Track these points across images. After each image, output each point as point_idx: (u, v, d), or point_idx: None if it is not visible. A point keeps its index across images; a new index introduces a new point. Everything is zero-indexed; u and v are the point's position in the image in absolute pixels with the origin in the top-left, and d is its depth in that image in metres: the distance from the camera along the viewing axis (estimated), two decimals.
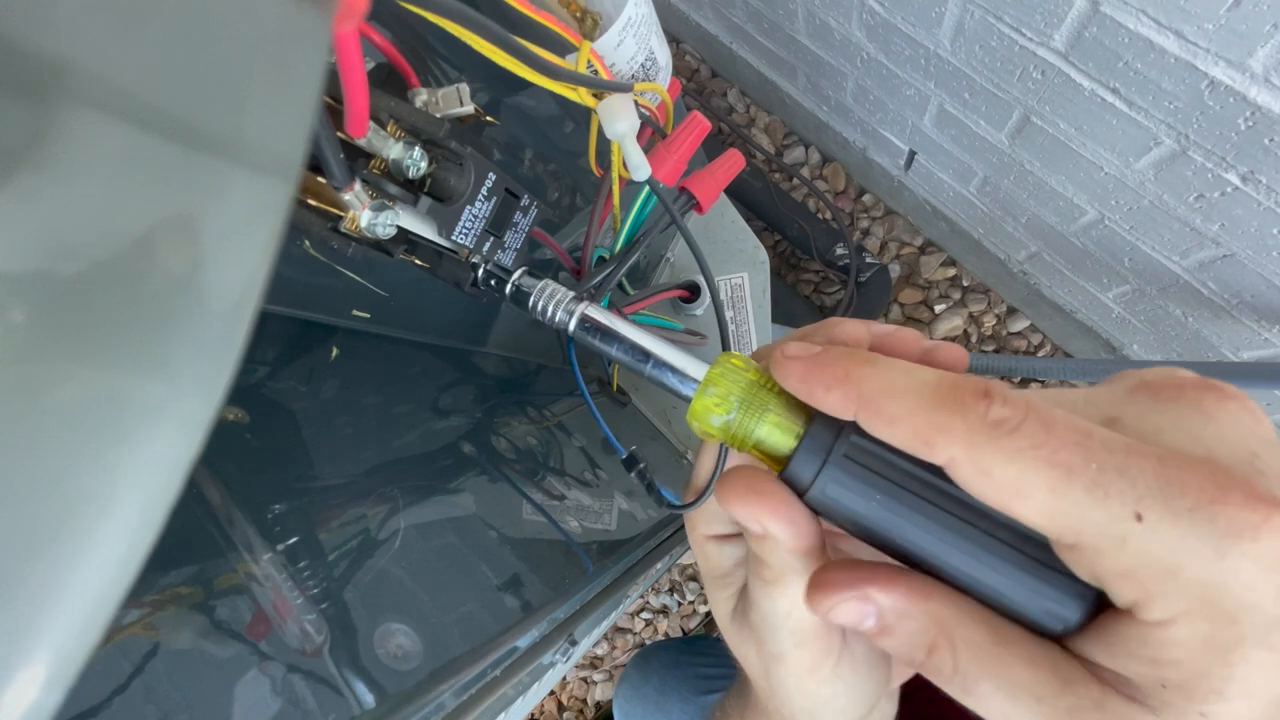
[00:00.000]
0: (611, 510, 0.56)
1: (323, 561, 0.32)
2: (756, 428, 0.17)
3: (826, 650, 0.18)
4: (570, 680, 1.27)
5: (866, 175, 1.06)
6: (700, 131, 0.34)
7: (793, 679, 0.19)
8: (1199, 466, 0.12)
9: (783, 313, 1.03)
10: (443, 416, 0.48)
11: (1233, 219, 0.58)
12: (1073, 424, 0.12)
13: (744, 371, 0.18)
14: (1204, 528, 0.11)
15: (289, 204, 0.10)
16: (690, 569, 1.22)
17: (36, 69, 0.08)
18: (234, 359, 0.10)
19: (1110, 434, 0.12)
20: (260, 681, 0.26)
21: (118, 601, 0.09)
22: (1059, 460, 0.12)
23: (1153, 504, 0.11)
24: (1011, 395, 0.13)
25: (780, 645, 0.18)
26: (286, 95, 0.11)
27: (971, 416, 0.13)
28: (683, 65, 1.19)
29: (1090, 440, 0.12)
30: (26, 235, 0.08)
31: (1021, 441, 0.12)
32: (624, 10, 0.28)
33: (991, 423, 0.12)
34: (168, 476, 0.09)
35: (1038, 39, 0.57)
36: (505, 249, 0.28)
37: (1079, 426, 0.12)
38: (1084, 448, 0.12)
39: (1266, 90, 0.46)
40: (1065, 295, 0.91)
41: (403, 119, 0.23)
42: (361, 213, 0.22)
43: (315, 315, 0.38)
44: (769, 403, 0.17)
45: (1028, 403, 0.13)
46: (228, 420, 0.32)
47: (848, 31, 0.78)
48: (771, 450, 0.17)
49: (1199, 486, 0.11)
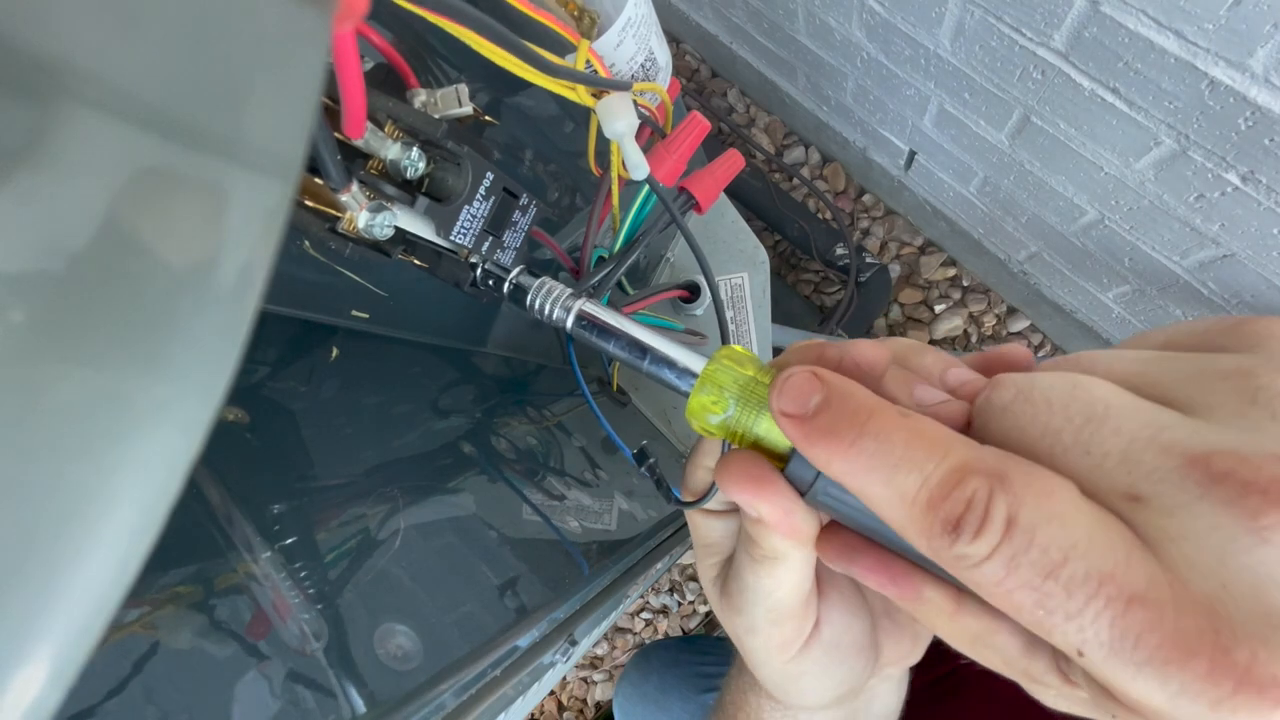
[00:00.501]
0: (611, 510, 0.56)
1: (322, 561, 0.32)
2: (754, 425, 0.17)
3: (798, 631, 0.19)
4: (570, 680, 1.27)
5: (866, 175, 1.06)
6: (700, 131, 0.34)
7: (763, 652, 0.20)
8: (1173, 616, 0.11)
9: (783, 313, 1.03)
10: (442, 416, 0.48)
11: (1233, 219, 0.58)
12: (1045, 559, 0.11)
13: (741, 368, 0.18)
14: (1154, 683, 0.11)
15: (289, 204, 0.10)
16: (690, 569, 1.22)
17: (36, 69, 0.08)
18: (234, 359, 0.10)
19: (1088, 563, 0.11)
20: (259, 681, 0.26)
21: (118, 601, 0.09)
22: (1010, 600, 0.12)
23: (1096, 650, 0.11)
24: (991, 519, 0.12)
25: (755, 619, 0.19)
26: (286, 95, 0.11)
27: (935, 545, 0.13)
28: (683, 65, 1.19)
29: (1052, 582, 0.11)
30: (26, 235, 0.08)
31: (978, 577, 0.12)
32: (624, 10, 0.28)
33: (952, 556, 0.12)
34: (168, 476, 0.09)
35: (1038, 39, 0.57)
36: (504, 248, 0.28)
37: (1050, 561, 0.11)
38: (1040, 591, 0.11)
39: (1266, 90, 0.46)
40: (1065, 295, 0.91)
41: (401, 119, 0.23)
42: (359, 214, 0.22)
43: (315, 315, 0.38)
44: (766, 399, 0.17)
45: (1008, 523, 0.12)
46: (228, 420, 0.32)
47: (848, 31, 0.78)
48: (771, 447, 0.17)
49: (1160, 642, 0.10)
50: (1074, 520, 0.12)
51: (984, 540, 0.12)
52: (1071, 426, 0.13)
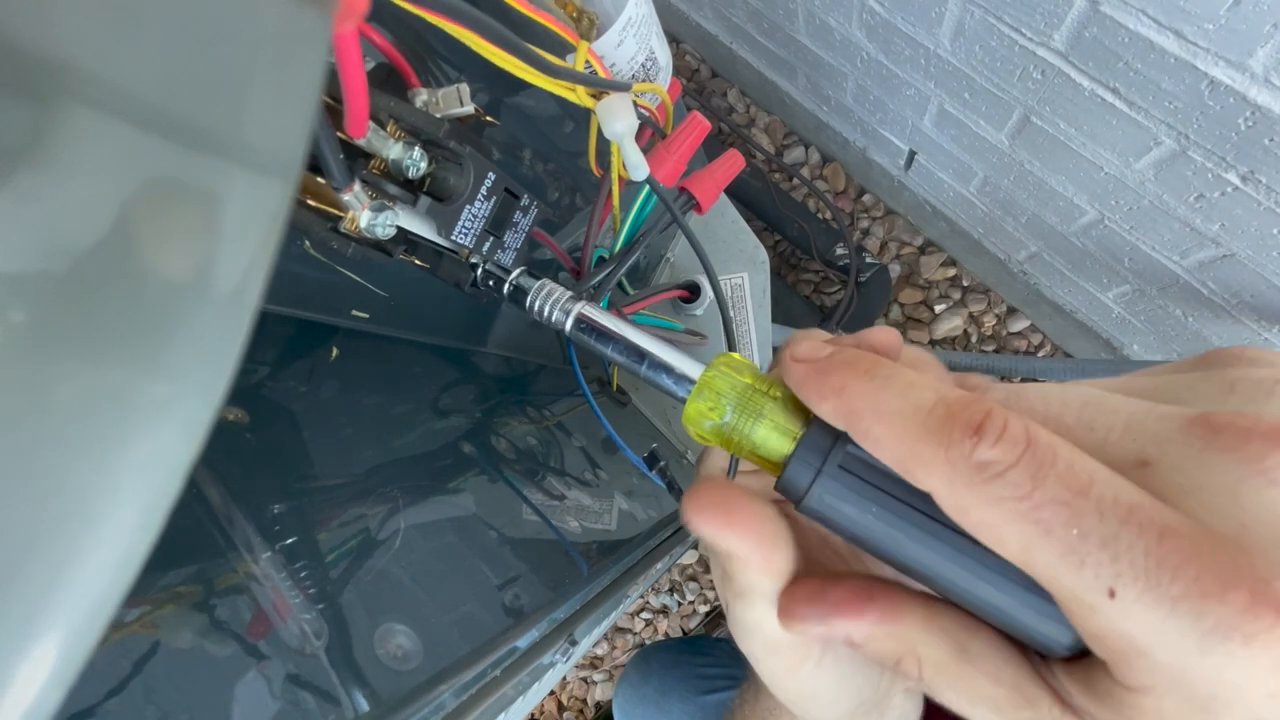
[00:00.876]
0: (611, 510, 0.56)
1: (322, 561, 0.32)
2: (751, 432, 0.17)
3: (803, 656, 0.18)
4: (570, 680, 1.27)
5: (866, 175, 1.06)
6: (700, 132, 0.34)
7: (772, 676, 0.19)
8: (1209, 549, 0.10)
9: (783, 313, 1.03)
10: (442, 416, 0.48)
11: (1233, 219, 0.58)
12: (1071, 475, 0.11)
13: (739, 375, 0.18)
14: (1187, 620, 0.10)
15: (289, 204, 0.10)
16: (690, 569, 1.22)
17: (36, 69, 0.08)
18: (234, 358, 0.10)
19: (1115, 490, 0.11)
20: (259, 681, 0.26)
21: (118, 601, 0.09)
22: (1038, 517, 0.11)
23: (1131, 584, 0.10)
24: (1011, 430, 0.11)
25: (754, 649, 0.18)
26: (286, 95, 0.11)
27: (954, 453, 0.12)
28: (683, 65, 1.19)
29: (1083, 498, 0.11)
30: (26, 235, 0.08)
31: (1002, 490, 0.11)
32: (624, 10, 0.28)
33: (975, 464, 0.12)
34: (168, 476, 0.09)
35: (1038, 39, 0.57)
36: (505, 249, 0.28)
37: (1077, 479, 0.11)
38: (1071, 507, 0.11)
39: (1266, 90, 0.46)
40: (1065, 295, 0.91)
41: (402, 119, 0.23)
42: (361, 213, 0.22)
43: (315, 315, 0.38)
44: (763, 407, 0.17)
45: (1029, 439, 0.11)
46: (228, 420, 0.32)
47: (848, 31, 0.78)
48: (769, 456, 0.17)
49: (1197, 574, 0.10)
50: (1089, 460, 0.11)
51: (1006, 447, 0.11)
52: (1070, 410, 0.13)
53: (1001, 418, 0.12)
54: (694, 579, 1.22)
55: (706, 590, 1.21)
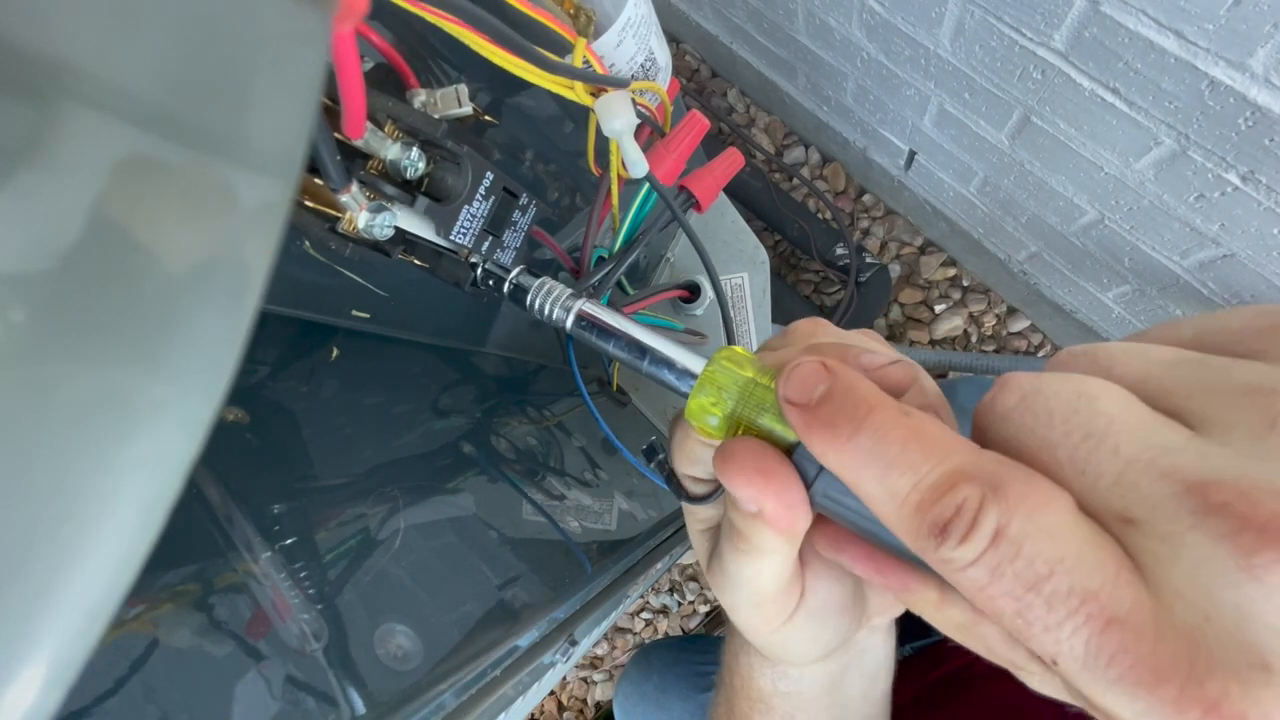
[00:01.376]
0: (611, 510, 0.56)
1: (322, 561, 0.32)
2: (754, 427, 0.17)
3: (781, 610, 0.20)
4: (570, 680, 1.27)
5: (866, 175, 1.06)
6: (699, 130, 0.34)
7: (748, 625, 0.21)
8: (1152, 639, 0.10)
9: (783, 313, 1.03)
10: (442, 416, 0.48)
11: (1233, 219, 0.58)
12: (1029, 571, 0.11)
13: (740, 369, 0.18)
14: (1123, 699, 0.11)
15: (289, 204, 0.10)
16: (690, 569, 1.22)
17: (36, 69, 0.08)
18: (234, 358, 0.10)
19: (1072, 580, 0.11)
20: (259, 681, 0.26)
21: (118, 601, 0.09)
22: (993, 606, 0.12)
23: (1070, 662, 0.11)
24: (979, 528, 0.12)
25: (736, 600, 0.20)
26: (286, 95, 0.11)
27: (923, 545, 0.13)
28: (683, 65, 1.19)
29: (1034, 594, 0.11)
30: (27, 235, 0.08)
31: (961, 579, 0.12)
32: (624, 10, 0.28)
33: (938, 558, 0.12)
34: (168, 476, 0.09)
35: (1038, 39, 0.57)
36: (504, 248, 0.28)
37: (1034, 574, 0.11)
38: (1020, 601, 0.12)
39: (1266, 90, 0.46)
40: (1065, 295, 0.91)
41: (400, 119, 0.23)
42: (359, 214, 0.22)
43: (315, 315, 0.38)
44: (766, 401, 0.17)
45: (996, 533, 0.12)
46: (228, 420, 0.32)
47: (848, 31, 0.78)
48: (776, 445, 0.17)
49: (1134, 664, 0.10)
50: (1065, 535, 0.12)
51: (970, 546, 0.12)
52: (1069, 443, 0.12)
53: (971, 514, 0.12)
54: (694, 579, 1.22)
55: (706, 590, 1.21)
